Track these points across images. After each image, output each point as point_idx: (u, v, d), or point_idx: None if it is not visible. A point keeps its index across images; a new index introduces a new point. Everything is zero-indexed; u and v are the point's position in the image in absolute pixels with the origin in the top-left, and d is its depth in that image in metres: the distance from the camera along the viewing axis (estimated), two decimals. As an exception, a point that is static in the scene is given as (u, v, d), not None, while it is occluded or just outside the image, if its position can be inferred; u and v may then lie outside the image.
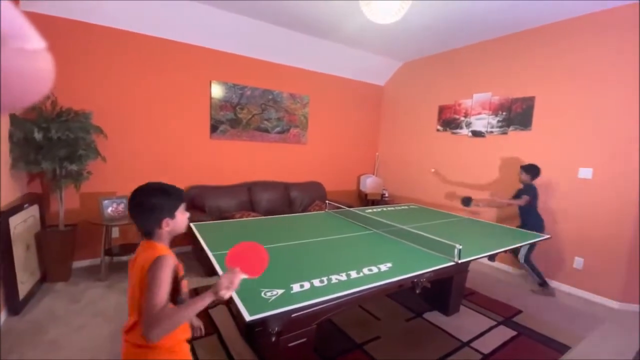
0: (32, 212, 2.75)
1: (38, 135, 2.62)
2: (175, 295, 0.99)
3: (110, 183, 3.36)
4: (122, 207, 3.17)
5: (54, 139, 2.71)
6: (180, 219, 1.09)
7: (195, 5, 3.28)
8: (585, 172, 3.14)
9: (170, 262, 0.97)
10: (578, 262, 3.20)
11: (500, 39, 3.81)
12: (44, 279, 2.89)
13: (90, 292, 2.79)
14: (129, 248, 3.29)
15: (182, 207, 1.10)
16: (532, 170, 3.20)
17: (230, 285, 0.95)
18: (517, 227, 3.10)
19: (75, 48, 3.09)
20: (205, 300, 0.92)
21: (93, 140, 3.03)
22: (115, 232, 3.45)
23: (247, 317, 1.11)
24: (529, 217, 3.20)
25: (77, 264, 3.27)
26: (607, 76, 2.98)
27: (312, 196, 4.45)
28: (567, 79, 3.25)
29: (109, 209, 3.10)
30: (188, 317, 0.93)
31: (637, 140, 2.82)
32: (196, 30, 3.57)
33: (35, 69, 0.36)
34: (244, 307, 1.16)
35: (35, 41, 0.35)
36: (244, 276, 1.00)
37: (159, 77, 3.54)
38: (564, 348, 2.25)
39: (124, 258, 3.47)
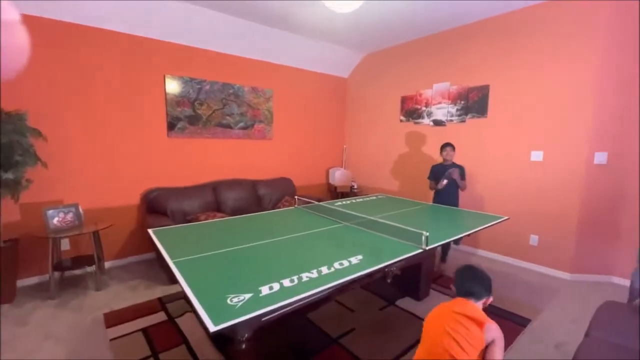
0: (-40, 229, 2.43)
1: (-39, 142, 2.30)
2: None
3: (55, 191, 3.04)
4: (70, 216, 2.88)
5: (-19, 145, 2.39)
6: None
7: (142, -7, 3.03)
8: (537, 155, 3.34)
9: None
10: (533, 239, 3.42)
11: (455, 30, 3.92)
12: (-19, 302, 2.58)
13: (39, 312, 2.53)
14: (82, 260, 3.01)
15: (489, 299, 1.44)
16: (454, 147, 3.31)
17: None
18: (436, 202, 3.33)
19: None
20: None
21: (31, 145, 2.72)
22: (65, 244, 3.15)
23: (212, 328, 1.03)
24: (456, 194, 3.33)
25: (23, 282, 2.95)
26: (555, 64, 3.17)
27: (281, 192, 4.36)
28: (518, 67, 3.42)
29: (55, 220, 2.81)
30: None
31: (581, 123, 3.05)
32: (146, 21, 3.30)
33: (15, 39, 0.36)
34: (207, 317, 1.08)
35: (12, 12, 0.35)
36: None
37: (107, 72, 3.25)
38: (525, 321, 2.40)
39: (78, 272, 3.20)
